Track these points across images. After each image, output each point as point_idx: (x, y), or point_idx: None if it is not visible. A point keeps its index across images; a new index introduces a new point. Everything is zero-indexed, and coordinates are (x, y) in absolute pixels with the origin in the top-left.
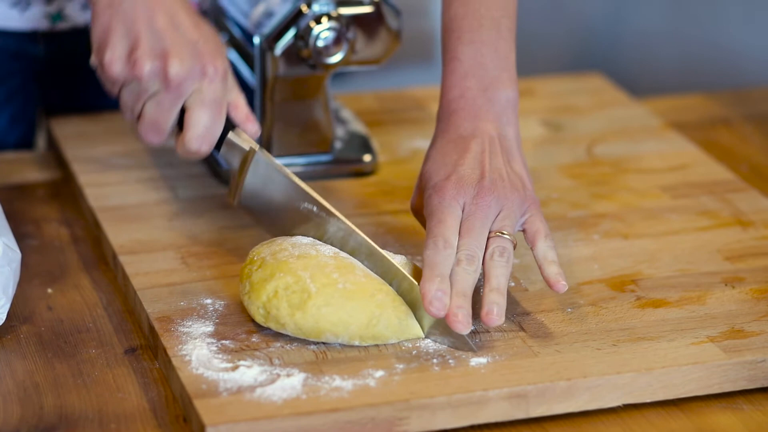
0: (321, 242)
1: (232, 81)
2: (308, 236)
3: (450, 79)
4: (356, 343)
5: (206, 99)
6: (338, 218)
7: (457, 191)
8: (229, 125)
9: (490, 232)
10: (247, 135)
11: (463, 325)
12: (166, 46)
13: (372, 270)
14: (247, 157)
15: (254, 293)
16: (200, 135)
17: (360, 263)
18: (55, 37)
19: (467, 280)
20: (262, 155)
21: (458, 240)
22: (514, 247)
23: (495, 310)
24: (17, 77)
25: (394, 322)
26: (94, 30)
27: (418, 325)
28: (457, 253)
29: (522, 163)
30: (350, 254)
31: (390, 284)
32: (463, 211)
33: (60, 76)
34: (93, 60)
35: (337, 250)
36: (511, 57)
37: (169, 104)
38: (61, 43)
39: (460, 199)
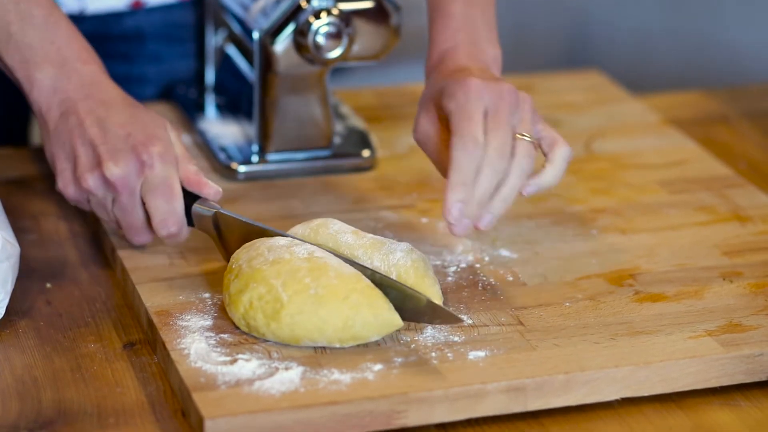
0: (297, 241)
1: (176, 154)
2: None
3: (442, 32)
4: (337, 345)
5: (153, 185)
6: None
7: (483, 84)
8: (193, 196)
9: (513, 134)
10: (210, 199)
11: (462, 232)
12: (100, 153)
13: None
14: (216, 220)
15: (233, 305)
16: (163, 220)
17: (335, 261)
18: None
19: (492, 183)
20: (225, 215)
21: (488, 136)
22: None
23: (487, 220)
24: None
25: (370, 320)
26: (48, 160)
27: (398, 317)
28: (486, 149)
29: None
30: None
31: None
32: (487, 108)
33: None
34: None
35: (312, 249)
36: (494, 22)
37: (127, 204)
38: None
39: (485, 95)
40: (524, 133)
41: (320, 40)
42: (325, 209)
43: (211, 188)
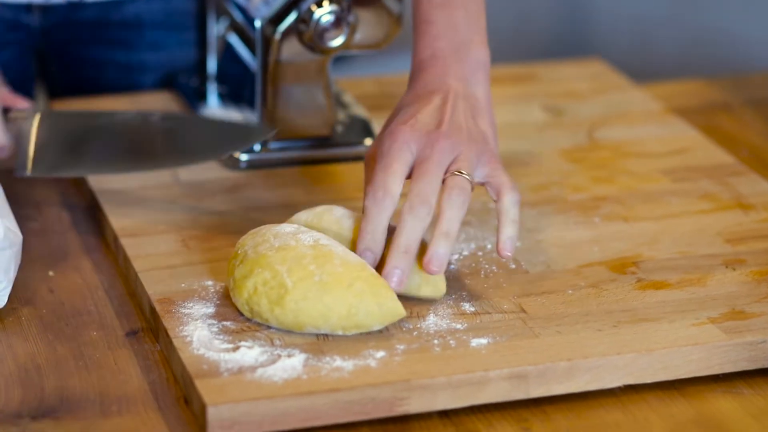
0: (304, 228)
1: None
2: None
3: (422, 40)
4: (339, 333)
5: None
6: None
7: (410, 135)
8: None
9: (445, 174)
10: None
11: (397, 286)
12: None
13: None
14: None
15: (237, 290)
16: None
17: (340, 249)
18: (50, 9)
19: (415, 230)
20: (51, 112)
21: (411, 184)
22: (472, 189)
23: (435, 259)
24: (13, 48)
25: (374, 309)
26: None
27: (401, 306)
28: (409, 197)
29: (489, 122)
30: None
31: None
32: (415, 159)
33: (57, 47)
34: None
35: (318, 237)
36: (482, 20)
37: None
38: (57, 15)
39: (413, 145)
40: (460, 171)
41: (322, 28)
42: (327, 197)
43: (26, 102)
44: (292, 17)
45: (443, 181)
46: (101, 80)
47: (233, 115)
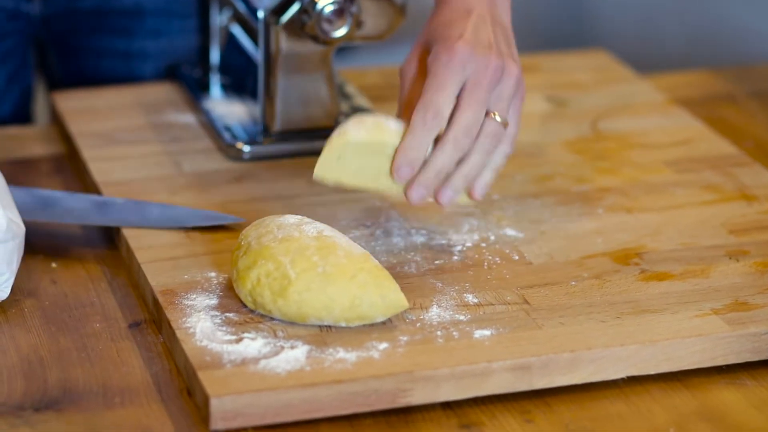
0: (308, 220)
1: None
2: None
3: None
4: (342, 324)
5: None
6: None
7: (469, 53)
8: None
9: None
10: None
11: (417, 201)
12: None
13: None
14: None
15: (240, 281)
16: None
17: (343, 240)
18: None
19: (452, 160)
20: None
21: (459, 110)
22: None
23: (449, 193)
24: (13, 37)
25: (377, 300)
26: None
27: (404, 298)
28: (452, 125)
29: (515, 47)
30: None
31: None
32: (467, 78)
33: (57, 37)
34: None
35: (321, 228)
36: None
37: None
38: (57, 4)
39: (469, 64)
40: (496, 113)
41: (325, 19)
42: (331, 188)
43: None
44: (294, 8)
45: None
46: (101, 69)
47: (236, 106)
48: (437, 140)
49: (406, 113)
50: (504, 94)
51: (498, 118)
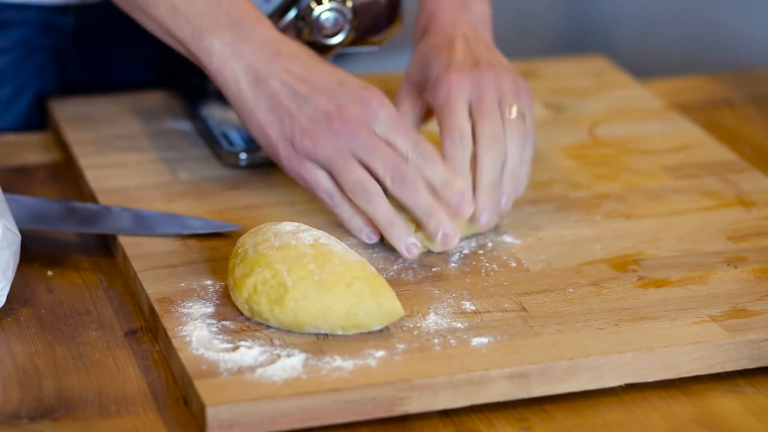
0: (304, 227)
1: None
2: None
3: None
4: (339, 332)
5: (392, 125)
6: None
7: (461, 80)
8: None
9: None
10: None
11: (489, 222)
12: (318, 106)
13: None
14: None
15: (237, 289)
16: (446, 182)
17: (340, 248)
18: (85, 9)
19: (496, 166)
20: None
21: (477, 127)
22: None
23: (504, 198)
24: (43, 53)
25: (373, 309)
26: (255, 135)
27: (400, 306)
28: (479, 137)
29: (502, 56)
30: None
31: None
32: (470, 100)
33: (84, 48)
34: None
35: (318, 235)
36: None
37: (368, 148)
38: (91, 15)
39: (466, 87)
40: (510, 111)
41: (322, 25)
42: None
43: None
44: (291, 14)
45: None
46: (129, 76)
47: (233, 113)
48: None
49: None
50: (506, 94)
51: (514, 114)
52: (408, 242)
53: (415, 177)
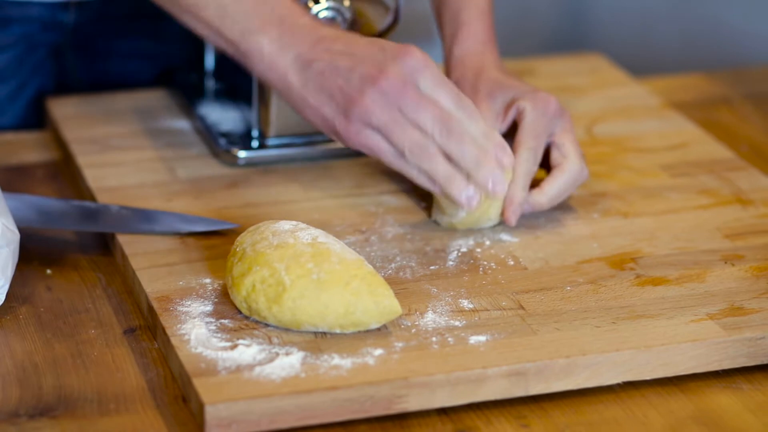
0: (303, 226)
1: None
2: None
3: (467, 39)
4: (337, 331)
5: (435, 82)
6: None
7: (556, 106)
8: None
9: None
10: None
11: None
12: (364, 72)
13: None
14: None
15: (235, 288)
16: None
17: (338, 246)
18: (86, 6)
19: (531, 168)
20: None
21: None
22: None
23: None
24: (44, 50)
25: (371, 307)
26: (312, 120)
27: (398, 305)
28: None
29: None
30: None
31: None
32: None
33: (84, 45)
34: None
35: (316, 234)
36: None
37: (417, 107)
38: (91, 12)
39: (551, 114)
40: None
41: None
42: (326, 194)
43: None
44: None
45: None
46: (128, 71)
47: (231, 112)
48: None
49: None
50: (565, 126)
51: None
52: (469, 193)
53: (461, 130)
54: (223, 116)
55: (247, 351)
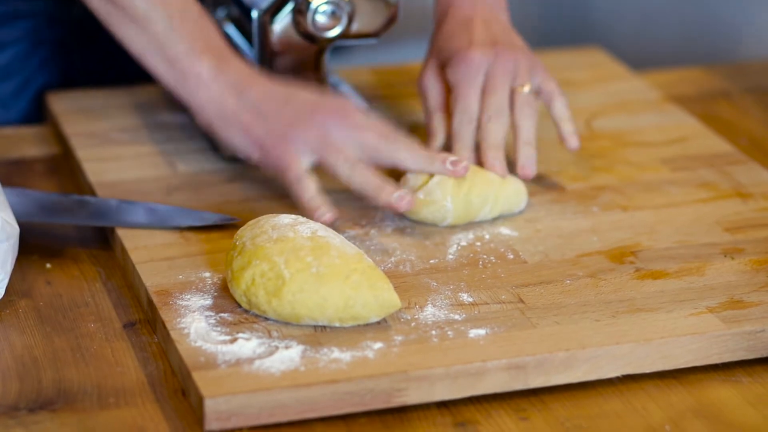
0: (302, 220)
1: None
2: None
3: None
4: (337, 324)
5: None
6: None
7: (481, 56)
8: None
9: (511, 90)
10: None
11: (501, 172)
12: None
13: None
14: None
15: (235, 281)
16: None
17: (337, 240)
18: None
19: (499, 132)
20: None
21: (484, 99)
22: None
23: (529, 163)
24: (49, 45)
25: (370, 301)
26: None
27: (397, 298)
28: (485, 110)
29: (518, 37)
30: None
31: None
32: (485, 75)
33: (88, 40)
34: None
35: (316, 228)
36: None
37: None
38: None
39: (483, 64)
40: (523, 87)
41: (319, 18)
42: (325, 187)
43: None
44: (288, 7)
45: (512, 98)
46: (131, 69)
47: None
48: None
49: (434, 120)
50: (521, 72)
51: (526, 89)
52: (400, 194)
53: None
54: None
55: (247, 344)
